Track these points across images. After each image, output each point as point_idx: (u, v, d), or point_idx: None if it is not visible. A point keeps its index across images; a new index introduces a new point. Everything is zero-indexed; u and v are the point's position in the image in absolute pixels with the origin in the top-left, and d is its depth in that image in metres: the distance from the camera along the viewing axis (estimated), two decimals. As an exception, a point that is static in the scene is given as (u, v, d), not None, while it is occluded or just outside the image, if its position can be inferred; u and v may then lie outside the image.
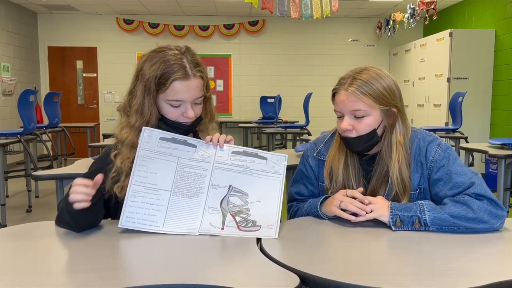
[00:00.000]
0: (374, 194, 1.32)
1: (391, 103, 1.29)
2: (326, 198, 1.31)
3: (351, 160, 1.36)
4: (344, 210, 1.23)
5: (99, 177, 1.14)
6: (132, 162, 1.22)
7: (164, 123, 1.30)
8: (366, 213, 1.21)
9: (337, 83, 1.32)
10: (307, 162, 1.44)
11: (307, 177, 1.43)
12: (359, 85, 1.26)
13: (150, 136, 1.21)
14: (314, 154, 1.43)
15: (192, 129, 1.34)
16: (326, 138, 1.45)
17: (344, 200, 1.23)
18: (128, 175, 1.23)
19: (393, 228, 1.18)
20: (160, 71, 1.24)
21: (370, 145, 1.31)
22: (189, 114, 1.28)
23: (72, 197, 1.11)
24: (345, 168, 1.35)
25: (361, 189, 1.28)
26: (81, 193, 1.11)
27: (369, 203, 1.22)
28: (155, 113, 1.28)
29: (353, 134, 1.29)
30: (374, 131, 1.29)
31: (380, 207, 1.22)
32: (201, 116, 1.34)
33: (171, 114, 1.28)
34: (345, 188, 1.33)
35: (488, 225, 1.16)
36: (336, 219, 1.26)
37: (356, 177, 1.34)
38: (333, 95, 1.33)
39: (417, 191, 1.31)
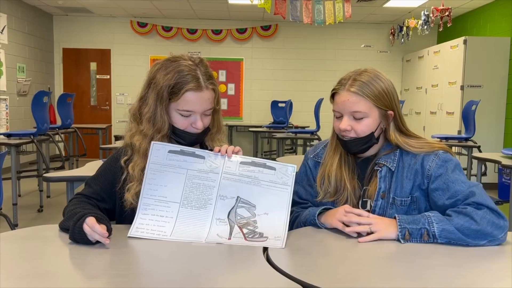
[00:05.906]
0: (368, 194, 1.32)
1: (388, 104, 1.31)
2: (326, 209, 1.31)
3: (346, 160, 1.37)
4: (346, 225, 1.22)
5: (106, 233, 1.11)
6: (142, 170, 1.23)
7: (172, 133, 1.31)
8: (368, 234, 1.19)
9: (337, 83, 1.34)
10: (307, 164, 1.46)
11: (307, 178, 1.45)
12: (360, 86, 1.28)
13: (159, 150, 1.23)
14: (312, 156, 1.46)
15: (200, 140, 1.35)
16: (326, 141, 1.47)
17: (348, 215, 1.22)
18: (139, 182, 1.24)
19: (402, 242, 1.17)
20: (174, 81, 1.25)
21: (366, 147, 1.33)
22: (198, 125, 1.29)
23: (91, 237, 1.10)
24: (339, 167, 1.36)
25: (365, 212, 1.24)
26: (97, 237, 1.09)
27: (370, 224, 1.20)
28: (167, 121, 1.29)
29: (351, 134, 1.31)
30: (372, 134, 1.31)
31: (384, 227, 1.20)
32: (208, 127, 1.36)
33: (180, 123, 1.30)
34: (337, 190, 1.34)
35: (492, 237, 1.15)
36: (340, 230, 1.24)
37: (350, 176, 1.34)
38: (332, 95, 1.35)
39: (409, 198, 1.30)
